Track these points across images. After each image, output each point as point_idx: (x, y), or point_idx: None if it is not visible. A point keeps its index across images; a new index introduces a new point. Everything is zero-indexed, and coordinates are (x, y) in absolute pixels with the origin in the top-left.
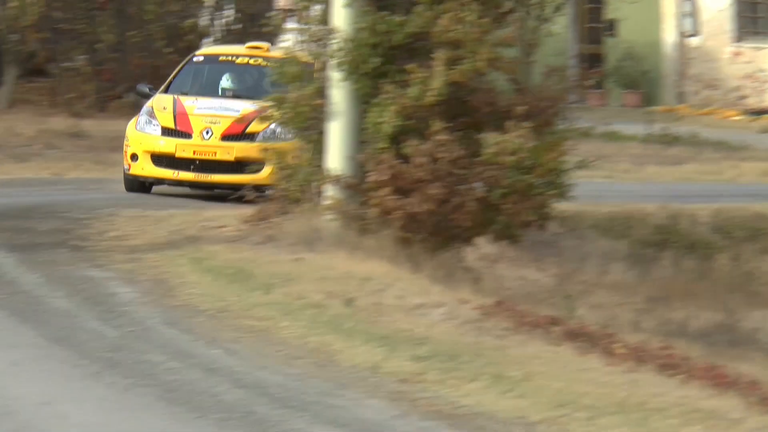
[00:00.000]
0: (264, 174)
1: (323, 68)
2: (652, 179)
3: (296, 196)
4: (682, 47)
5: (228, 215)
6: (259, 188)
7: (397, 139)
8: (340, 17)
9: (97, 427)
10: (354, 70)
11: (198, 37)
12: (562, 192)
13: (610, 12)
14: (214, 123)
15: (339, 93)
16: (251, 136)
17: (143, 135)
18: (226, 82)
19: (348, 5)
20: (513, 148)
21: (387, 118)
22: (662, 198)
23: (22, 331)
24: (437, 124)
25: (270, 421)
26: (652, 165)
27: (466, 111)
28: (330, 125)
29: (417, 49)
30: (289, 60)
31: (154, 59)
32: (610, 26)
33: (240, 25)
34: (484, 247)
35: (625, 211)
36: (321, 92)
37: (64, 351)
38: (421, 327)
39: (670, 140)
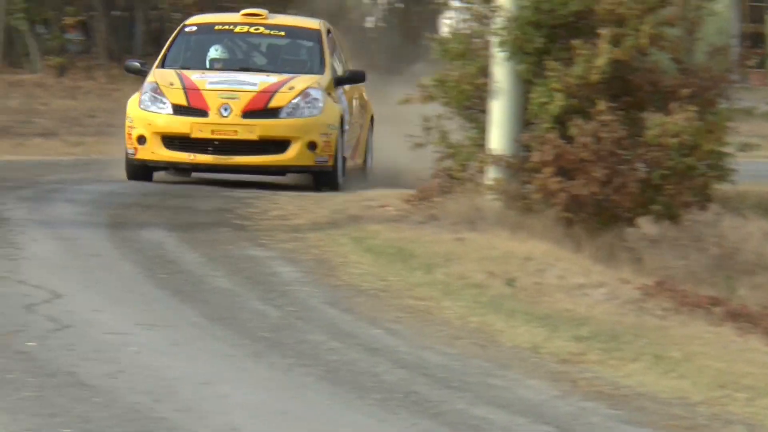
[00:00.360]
0: (291, 154)
1: (486, 47)
2: None
3: (458, 175)
4: None
5: (390, 195)
6: (284, 170)
7: (560, 118)
8: None
9: (259, 406)
10: (517, 49)
11: (361, 15)
12: (723, 174)
13: None
14: (232, 98)
15: (502, 72)
16: (274, 112)
17: (150, 114)
18: (215, 52)
19: None
20: (676, 130)
21: (552, 98)
22: None
23: (182, 310)
24: (602, 104)
25: (431, 401)
26: None
27: (628, 90)
28: (492, 104)
29: (580, 27)
30: (454, 38)
31: None
32: None
33: (402, 5)
34: (645, 227)
35: None
36: (484, 71)
37: (225, 330)
38: (582, 307)
39: None
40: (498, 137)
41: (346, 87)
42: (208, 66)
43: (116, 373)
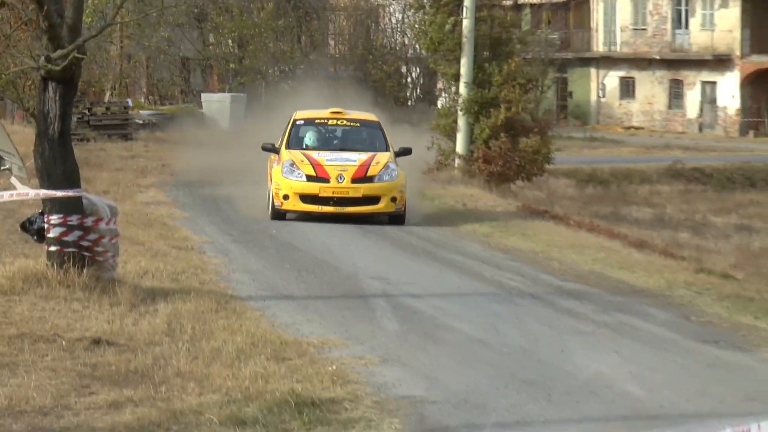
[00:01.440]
0: (381, 205)
1: (455, 111)
2: (586, 155)
3: (446, 163)
4: (599, 101)
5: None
6: (377, 215)
7: (486, 140)
8: (463, 90)
9: (399, 267)
10: (468, 112)
11: (405, 97)
12: (549, 161)
13: (571, 86)
14: (344, 170)
15: (461, 121)
16: (371, 179)
17: (291, 181)
18: (315, 139)
19: (465, 86)
20: (531, 144)
21: (482, 132)
22: (590, 163)
23: (364, 237)
24: (502, 135)
25: (435, 254)
26: (586, 149)
27: (512, 128)
28: (458, 135)
29: (492, 103)
30: (443, 108)
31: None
32: (570, 93)
33: (423, 95)
34: (518, 183)
35: (574, 168)
36: (455, 121)
37: (390, 245)
38: (493, 213)
39: (593, 139)
40: (460, 147)
41: None
42: (315, 145)
43: (310, 244)
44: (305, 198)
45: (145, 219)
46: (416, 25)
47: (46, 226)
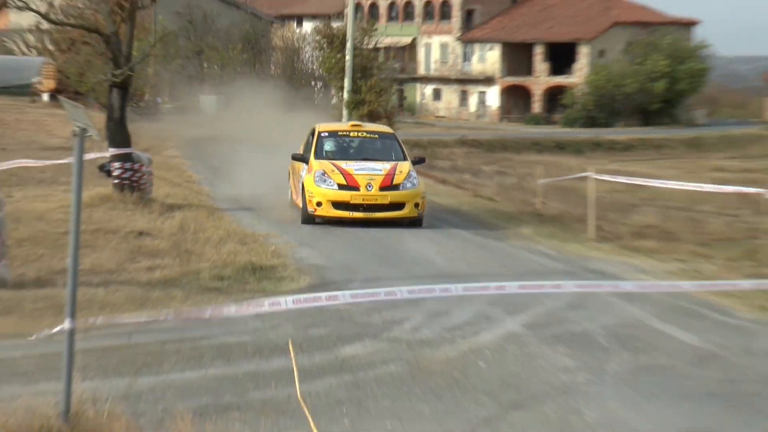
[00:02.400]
0: (406, 210)
1: (341, 106)
2: (414, 132)
3: None
4: (421, 102)
5: None
6: (401, 220)
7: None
8: (346, 95)
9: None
10: (348, 106)
11: (319, 88)
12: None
13: (406, 93)
14: (372, 179)
15: (345, 112)
16: (396, 186)
17: (324, 189)
18: (334, 150)
19: (347, 93)
20: (382, 124)
21: (355, 118)
22: (416, 136)
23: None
24: (366, 120)
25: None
26: (414, 129)
27: (373, 116)
28: (342, 120)
29: (362, 102)
30: (333, 105)
31: None
32: (405, 97)
33: (323, 89)
34: None
35: (407, 139)
36: (341, 112)
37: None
38: None
39: (418, 123)
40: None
41: None
42: (340, 155)
43: (262, 176)
44: (337, 205)
45: (167, 165)
46: (319, 58)
47: (112, 168)
